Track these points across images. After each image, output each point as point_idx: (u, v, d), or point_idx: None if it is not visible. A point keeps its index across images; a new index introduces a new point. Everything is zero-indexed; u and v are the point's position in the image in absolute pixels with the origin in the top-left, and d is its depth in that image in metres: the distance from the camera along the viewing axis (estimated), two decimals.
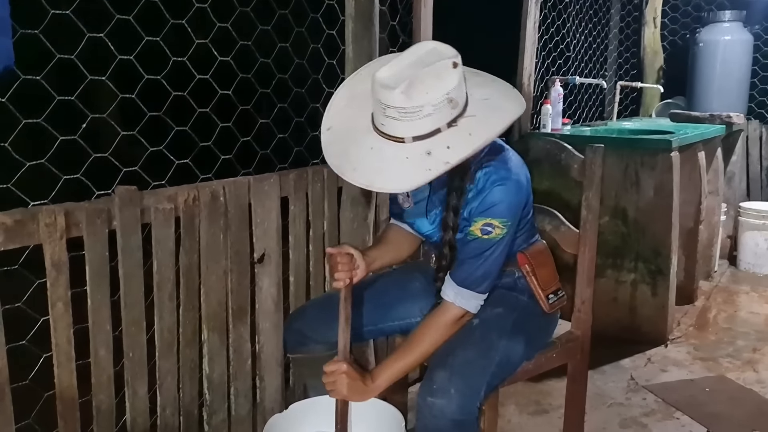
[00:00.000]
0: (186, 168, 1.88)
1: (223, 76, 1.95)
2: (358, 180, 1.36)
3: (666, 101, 4.72)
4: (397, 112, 1.31)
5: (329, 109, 1.49)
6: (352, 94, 1.49)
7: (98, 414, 1.57)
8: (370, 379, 1.54)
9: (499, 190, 1.48)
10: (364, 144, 1.38)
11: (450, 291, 1.54)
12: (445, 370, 1.49)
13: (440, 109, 1.31)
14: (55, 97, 1.53)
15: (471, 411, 1.48)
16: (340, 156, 1.40)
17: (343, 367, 1.51)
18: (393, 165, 1.33)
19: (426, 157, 1.32)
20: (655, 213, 3.02)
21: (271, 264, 1.94)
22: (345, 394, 1.52)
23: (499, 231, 1.49)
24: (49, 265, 1.44)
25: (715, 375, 2.78)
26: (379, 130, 1.37)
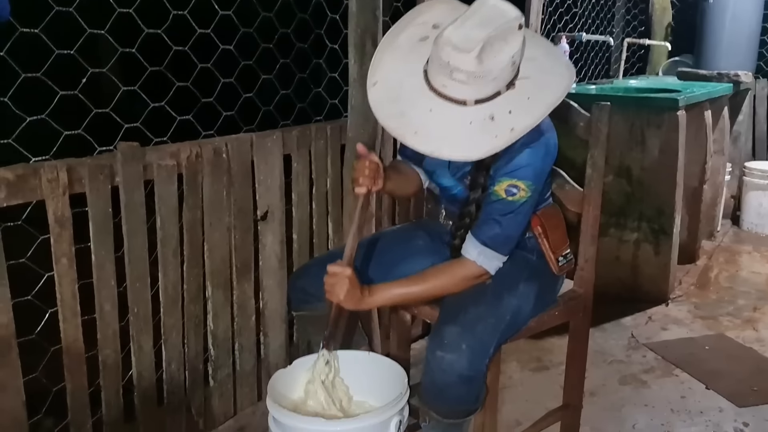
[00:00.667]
0: (188, 124, 1.86)
1: (225, 30, 1.92)
2: (421, 147, 1.33)
3: (673, 59, 4.65)
4: (465, 76, 1.27)
5: (374, 63, 1.42)
6: (394, 46, 1.43)
7: (104, 368, 1.60)
8: (368, 292, 1.52)
9: (528, 153, 1.46)
10: (422, 105, 1.33)
11: (473, 249, 1.52)
12: (456, 325, 1.49)
13: (504, 72, 1.30)
14: (54, 51, 1.51)
15: (480, 368, 1.49)
16: (396, 118, 1.35)
17: (347, 271, 1.48)
18: (457, 130, 1.31)
19: (490, 122, 1.30)
20: (660, 172, 3.01)
21: (274, 221, 1.94)
22: (340, 298, 1.49)
23: (523, 194, 1.47)
24: (53, 221, 1.44)
25: (715, 333, 2.80)
26: (437, 90, 1.32)
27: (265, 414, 1.54)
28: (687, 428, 2.12)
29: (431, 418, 1.57)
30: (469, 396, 1.52)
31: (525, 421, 2.01)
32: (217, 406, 1.90)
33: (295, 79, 2.23)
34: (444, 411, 1.54)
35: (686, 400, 2.29)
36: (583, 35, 3.58)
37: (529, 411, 2.16)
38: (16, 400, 1.43)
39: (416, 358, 2.27)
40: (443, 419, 1.55)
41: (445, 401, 1.52)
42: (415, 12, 1.46)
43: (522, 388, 2.35)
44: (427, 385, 1.52)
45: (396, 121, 1.35)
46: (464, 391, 1.50)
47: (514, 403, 2.24)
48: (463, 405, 1.53)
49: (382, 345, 2.28)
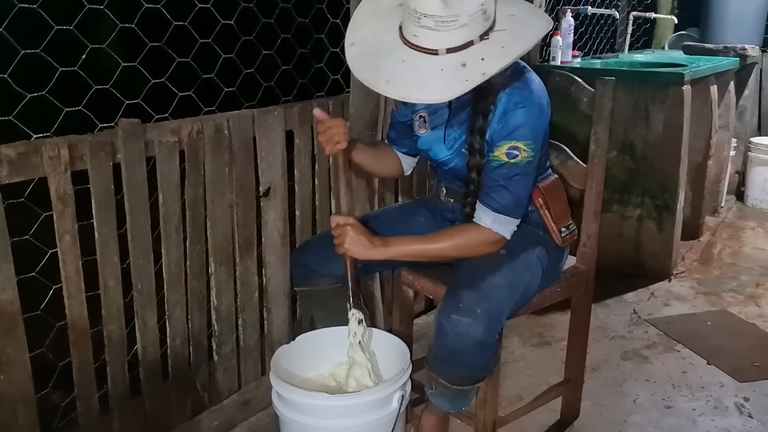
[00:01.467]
0: (189, 100, 1.85)
1: (225, 5, 1.90)
2: (392, 92, 1.35)
3: (679, 33, 4.60)
4: (433, 21, 1.29)
5: (352, 25, 1.46)
6: (374, 11, 1.46)
7: (110, 343, 1.61)
8: (380, 242, 1.53)
9: (523, 112, 1.46)
10: (395, 57, 1.36)
11: (487, 218, 1.53)
12: (473, 290, 1.49)
13: (474, 20, 1.31)
14: (53, 27, 1.49)
15: (493, 334, 1.50)
16: (369, 70, 1.38)
17: (350, 220, 1.51)
18: (428, 77, 1.32)
19: (461, 69, 1.31)
20: (664, 148, 2.99)
21: (276, 198, 1.94)
22: (349, 247, 1.51)
23: (525, 154, 1.48)
24: (55, 198, 1.44)
25: (718, 309, 2.81)
26: (410, 42, 1.35)
27: (268, 388, 1.56)
28: (688, 403, 2.14)
29: (439, 385, 1.58)
30: (481, 362, 1.53)
31: (526, 396, 2.03)
32: (222, 380, 1.92)
33: (297, 55, 2.21)
34: (453, 377, 1.54)
35: (687, 375, 2.30)
36: (588, 9, 3.54)
37: (530, 386, 2.18)
38: (23, 374, 1.45)
39: (419, 333, 2.29)
40: (452, 386, 1.56)
41: (456, 367, 1.52)
42: None
43: (524, 364, 2.36)
44: (439, 349, 1.52)
45: (369, 73, 1.37)
46: (478, 356, 1.51)
47: (515, 377, 2.26)
48: (474, 371, 1.54)
49: (385, 321, 2.30)
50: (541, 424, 2.00)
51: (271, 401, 1.55)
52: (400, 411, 1.50)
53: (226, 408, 1.93)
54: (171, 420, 1.80)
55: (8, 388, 1.43)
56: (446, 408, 1.66)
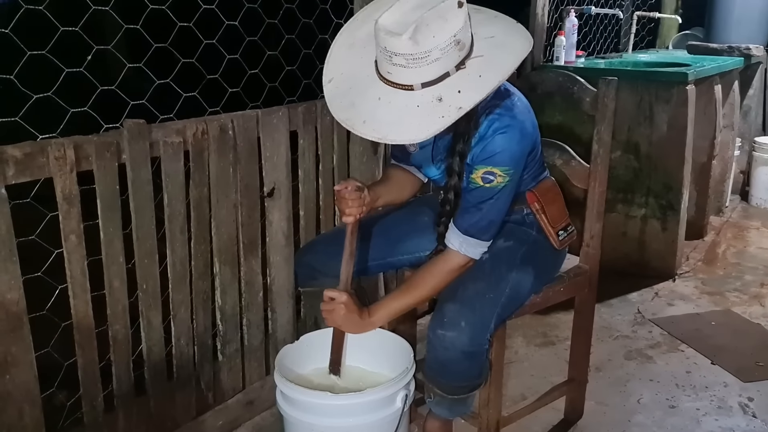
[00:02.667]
0: (194, 101, 1.86)
1: (230, 6, 1.91)
2: (369, 134, 1.32)
3: (684, 32, 4.59)
4: (404, 59, 1.26)
5: (329, 60, 1.43)
6: (351, 42, 1.43)
7: (115, 343, 1.62)
8: (367, 314, 1.56)
9: (502, 138, 1.45)
10: (371, 95, 1.33)
11: (455, 240, 1.54)
12: (455, 302, 1.51)
13: (448, 53, 1.27)
14: (59, 28, 1.50)
15: (481, 343, 1.51)
16: (347, 109, 1.35)
17: (343, 297, 1.53)
18: (404, 115, 1.29)
19: (438, 104, 1.28)
20: (668, 148, 2.99)
21: (280, 198, 1.95)
22: (339, 324, 1.55)
23: (500, 180, 1.47)
24: (61, 198, 1.45)
25: (722, 309, 2.81)
26: (385, 78, 1.32)
27: (273, 388, 1.57)
28: (692, 403, 2.14)
29: (435, 395, 1.59)
30: (471, 372, 1.54)
31: (530, 395, 2.03)
32: (226, 380, 1.93)
33: (301, 55, 2.21)
34: (447, 387, 1.56)
35: (691, 375, 2.30)
36: (592, 8, 3.54)
37: (534, 385, 2.18)
38: (28, 374, 1.45)
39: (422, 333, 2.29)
40: (447, 395, 1.57)
41: (448, 378, 1.54)
42: (373, 6, 1.44)
43: (527, 363, 2.37)
44: (431, 362, 1.55)
45: (346, 113, 1.35)
46: (466, 366, 1.52)
47: (519, 377, 2.26)
48: (466, 381, 1.55)
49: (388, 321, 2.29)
50: (545, 424, 2.01)
51: (275, 401, 1.56)
52: (404, 410, 1.51)
53: (230, 407, 1.93)
54: (176, 419, 1.80)
55: (14, 388, 1.43)
56: (445, 415, 1.68)
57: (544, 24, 3.18)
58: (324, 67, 1.43)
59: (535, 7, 3.11)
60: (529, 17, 3.11)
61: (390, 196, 1.75)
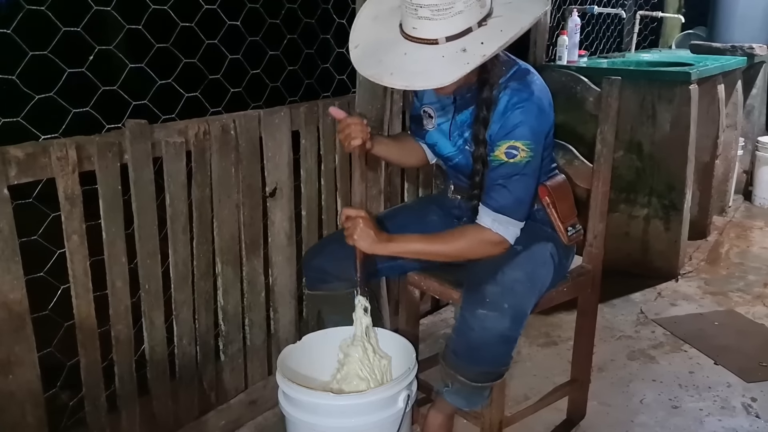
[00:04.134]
0: (196, 101, 1.86)
1: (232, 6, 1.91)
2: (397, 83, 1.37)
3: (687, 32, 4.58)
4: (429, 11, 1.32)
5: (354, 28, 1.49)
6: (375, 14, 1.49)
7: (117, 343, 1.62)
8: (386, 237, 1.54)
9: (520, 112, 1.48)
10: (397, 51, 1.38)
11: (486, 218, 1.53)
12: (497, 285, 1.50)
13: (470, 7, 1.33)
14: (61, 28, 1.50)
15: (518, 329, 1.51)
16: (373, 66, 1.40)
17: (361, 213, 1.52)
18: (431, 65, 1.34)
19: (462, 54, 1.33)
20: (671, 147, 2.98)
21: (282, 198, 1.95)
22: (356, 238, 1.52)
23: (524, 154, 1.48)
24: (63, 199, 1.45)
25: (725, 309, 2.80)
26: (410, 35, 1.37)
27: (275, 388, 1.57)
28: (695, 403, 2.13)
29: (456, 382, 1.57)
30: (503, 357, 1.54)
31: (533, 396, 2.03)
32: (229, 380, 1.93)
33: (303, 55, 2.21)
34: (472, 374, 1.54)
35: (694, 375, 2.30)
36: (594, 8, 3.53)
37: (537, 385, 2.18)
38: (31, 373, 1.46)
39: (425, 333, 2.29)
40: (470, 382, 1.55)
41: (476, 362, 1.52)
42: None
43: (530, 363, 2.36)
44: (459, 345, 1.52)
45: (373, 69, 1.40)
46: (501, 351, 1.52)
47: (522, 377, 2.25)
48: (494, 366, 1.54)
49: (391, 320, 2.30)
50: (548, 424, 2.00)
51: (277, 401, 1.56)
52: (406, 410, 1.50)
53: (232, 407, 1.93)
54: (178, 419, 1.80)
55: (17, 388, 1.44)
56: (461, 405, 1.65)
57: (546, 23, 3.18)
58: (350, 35, 1.49)
59: None
60: None
61: (390, 150, 1.76)
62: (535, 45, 3.14)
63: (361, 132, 1.59)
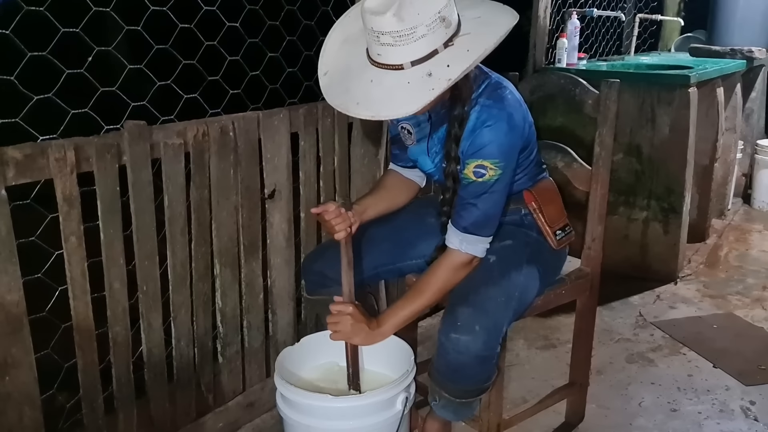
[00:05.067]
0: (195, 103, 1.86)
1: (231, 7, 1.91)
2: (362, 113, 1.34)
3: (686, 35, 4.59)
4: (391, 38, 1.29)
5: (323, 54, 1.46)
6: (345, 37, 1.46)
7: (115, 345, 1.61)
8: (375, 324, 1.56)
9: (489, 130, 1.45)
10: (364, 78, 1.35)
11: (455, 238, 1.53)
12: (467, 306, 1.50)
13: (434, 30, 1.29)
14: (59, 29, 1.50)
15: (494, 347, 1.51)
16: (341, 95, 1.38)
17: (348, 308, 1.53)
18: (396, 92, 1.31)
19: (428, 78, 1.30)
20: (670, 150, 2.98)
21: (281, 200, 1.94)
22: (348, 336, 1.54)
23: (492, 173, 1.47)
24: (61, 200, 1.45)
25: (724, 312, 2.80)
26: (375, 61, 1.34)
27: (273, 390, 1.57)
28: (693, 406, 2.13)
29: (442, 398, 1.58)
30: (483, 375, 1.54)
31: (531, 398, 2.03)
32: (226, 382, 1.93)
33: (302, 57, 2.21)
34: (456, 391, 1.55)
35: (693, 378, 2.29)
36: (594, 11, 3.53)
37: (535, 388, 2.18)
38: (28, 375, 1.45)
39: (423, 336, 2.28)
40: (455, 399, 1.56)
41: (458, 381, 1.53)
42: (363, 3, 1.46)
43: (529, 366, 2.36)
44: (441, 366, 1.53)
45: (340, 98, 1.38)
46: (478, 371, 1.52)
47: (520, 380, 2.25)
48: (476, 384, 1.55)
49: None
50: (546, 427, 2.00)
51: (275, 403, 1.56)
52: (404, 413, 1.50)
53: (230, 409, 1.93)
54: (176, 421, 1.80)
55: (14, 389, 1.43)
56: (450, 418, 1.68)
57: (546, 26, 3.18)
58: (319, 60, 1.46)
59: (537, 9, 3.11)
60: (531, 19, 3.11)
61: (380, 205, 1.76)
62: (535, 48, 3.15)
63: (343, 222, 1.58)
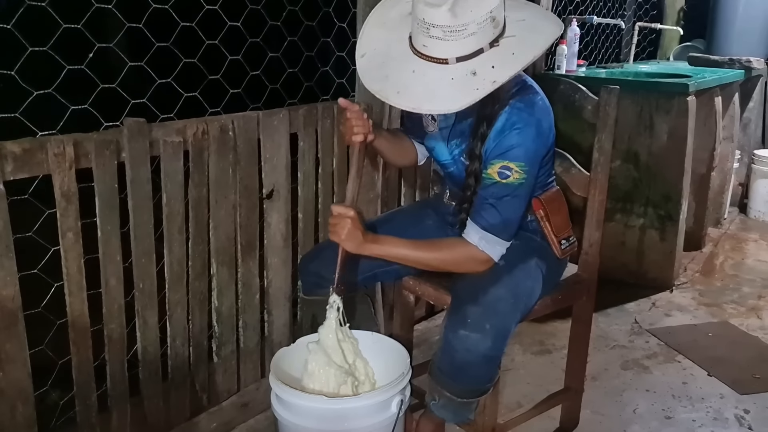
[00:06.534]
0: (195, 101, 1.85)
1: (233, 7, 1.91)
2: (403, 103, 1.34)
3: (685, 44, 4.60)
4: (441, 32, 1.29)
5: (361, 37, 1.46)
6: (383, 21, 1.46)
7: (110, 342, 1.61)
8: (371, 239, 1.51)
9: (518, 133, 1.45)
10: (406, 68, 1.35)
11: (474, 234, 1.51)
12: (478, 305, 1.49)
13: (483, 28, 1.30)
14: (61, 25, 1.50)
15: (500, 348, 1.50)
16: (380, 81, 1.37)
17: (350, 212, 1.48)
18: (439, 87, 1.32)
19: (472, 78, 1.31)
20: (668, 158, 2.99)
21: (279, 200, 1.94)
22: (342, 238, 1.48)
23: (517, 175, 1.46)
24: (59, 195, 1.44)
25: (719, 320, 2.80)
26: (420, 52, 1.34)
27: (268, 391, 1.56)
28: (688, 414, 2.13)
29: (442, 397, 1.57)
30: (486, 376, 1.54)
31: (526, 403, 2.02)
32: (221, 382, 1.92)
33: (303, 58, 2.21)
34: (459, 390, 1.54)
35: (688, 386, 2.30)
36: (594, 18, 3.55)
37: (530, 393, 2.18)
38: (22, 371, 1.44)
39: (419, 339, 2.28)
40: (456, 398, 1.55)
41: (462, 380, 1.52)
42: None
43: (524, 371, 2.36)
44: (444, 364, 1.52)
45: (379, 84, 1.37)
46: (483, 370, 1.51)
47: (515, 385, 2.25)
48: (479, 384, 1.54)
49: (386, 325, 2.29)
50: None
51: (270, 404, 1.55)
52: (399, 416, 1.50)
53: (224, 409, 1.92)
54: (169, 420, 1.79)
55: (7, 385, 1.42)
56: (449, 419, 1.66)
57: None
58: (357, 42, 1.46)
59: None
60: None
61: (386, 147, 1.73)
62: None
63: (363, 127, 1.56)
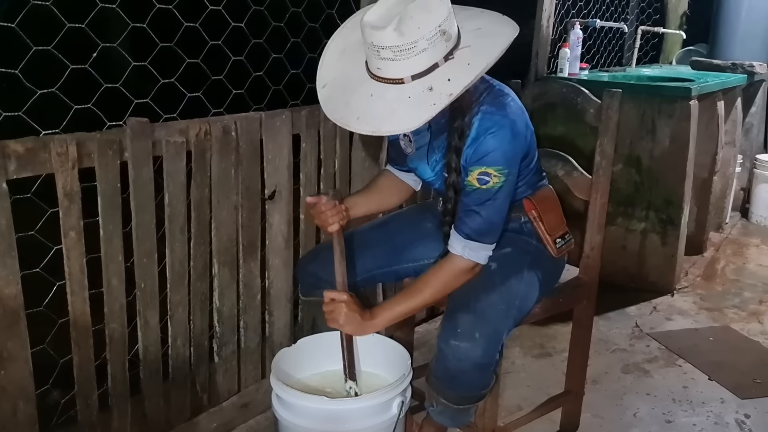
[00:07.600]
0: (197, 101, 1.86)
1: (236, 7, 1.91)
2: (363, 128, 1.34)
3: (687, 48, 4.60)
4: (391, 52, 1.28)
5: (321, 66, 1.46)
6: (343, 48, 1.45)
7: (111, 342, 1.61)
8: (369, 315, 1.54)
9: (492, 137, 1.44)
10: (364, 92, 1.34)
11: (457, 245, 1.52)
12: (468, 313, 1.49)
13: (434, 43, 1.29)
14: (65, 25, 1.50)
15: (493, 354, 1.50)
16: (341, 109, 1.37)
17: (343, 296, 1.52)
18: (396, 107, 1.31)
19: (429, 93, 1.29)
20: (670, 162, 2.99)
21: (281, 201, 1.94)
22: (341, 324, 1.53)
23: (496, 180, 1.46)
24: (62, 195, 1.45)
25: (720, 325, 2.80)
26: (375, 75, 1.33)
27: (268, 391, 1.56)
28: (688, 418, 2.13)
29: (439, 404, 1.58)
30: (481, 382, 1.54)
31: (526, 407, 2.03)
32: (222, 382, 1.92)
33: (305, 59, 2.21)
34: (454, 398, 1.55)
35: (688, 390, 2.29)
36: (596, 22, 3.55)
37: (530, 396, 2.17)
38: (24, 370, 1.45)
39: (420, 341, 2.28)
40: (452, 405, 1.56)
41: (457, 388, 1.53)
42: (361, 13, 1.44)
43: (524, 374, 2.36)
44: (439, 372, 1.53)
45: (340, 112, 1.37)
46: (477, 377, 1.51)
47: (516, 388, 2.25)
48: (474, 391, 1.54)
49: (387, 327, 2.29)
50: None
51: (270, 404, 1.55)
52: (400, 417, 1.50)
53: (225, 410, 1.92)
54: (170, 420, 1.79)
55: (9, 384, 1.43)
56: (447, 424, 1.67)
57: (548, 36, 3.19)
58: (317, 73, 1.45)
59: (540, 19, 3.12)
60: (534, 29, 3.12)
61: (369, 205, 1.75)
62: (537, 57, 3.16)
63: (336, 215, 1.59)
